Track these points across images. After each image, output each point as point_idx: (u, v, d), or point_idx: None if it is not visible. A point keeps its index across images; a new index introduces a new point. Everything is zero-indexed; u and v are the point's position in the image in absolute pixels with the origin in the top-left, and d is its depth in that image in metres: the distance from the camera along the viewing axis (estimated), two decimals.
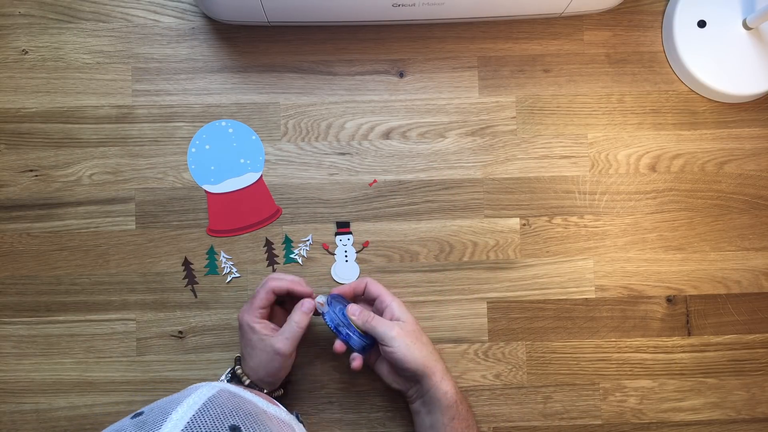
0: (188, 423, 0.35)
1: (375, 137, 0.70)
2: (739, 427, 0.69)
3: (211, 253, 0.68)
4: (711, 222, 0.70)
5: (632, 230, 0.70)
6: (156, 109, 0.69)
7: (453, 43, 0.70)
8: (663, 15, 0.71)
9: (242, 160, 0.69)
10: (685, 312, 0.69)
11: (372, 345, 0.62)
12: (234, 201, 0.69)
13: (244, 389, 0.44)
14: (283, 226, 0.69)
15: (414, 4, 0.62)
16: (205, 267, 0.68)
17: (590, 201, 0.70)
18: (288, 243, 0.69)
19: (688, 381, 0.69)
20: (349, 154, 0.69)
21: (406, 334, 0.59)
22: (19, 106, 0.69)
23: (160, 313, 0.68)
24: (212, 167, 0.69)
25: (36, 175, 0.68)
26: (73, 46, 0.69)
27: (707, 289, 0.70)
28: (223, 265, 0.68)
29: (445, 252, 0.69)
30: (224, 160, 0.69)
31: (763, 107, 0.71)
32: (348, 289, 0.65)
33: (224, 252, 0.69)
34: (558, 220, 0.70)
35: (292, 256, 0.69)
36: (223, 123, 0.69)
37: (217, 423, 0.36)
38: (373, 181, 0.69)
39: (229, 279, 0.69)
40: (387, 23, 0.69)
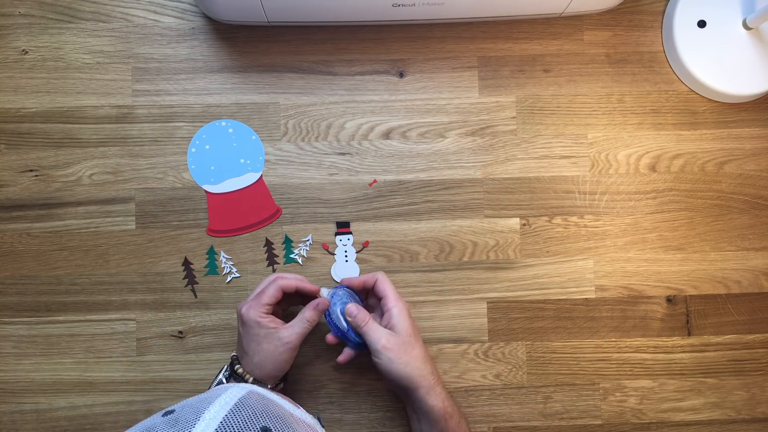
0: (221, 423, 0.35)
1: (375, 137, 0.70)
2: (739, 427, 0.69)
3: (211, 253, 0.68)
4: (711, 222, 0.70)
5: (632, 230, 0.70)
6: (156, 109, 0.69)
7: (453, 43, 0.70)
8: (663, 15, 0.71)
9: (242, 160, 0.69)
10: (685, 312, 0.69)
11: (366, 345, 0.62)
12: (234, 201, 0.69)
13: (270, 391, 0.44)
14: (283, 226, 0.69)
15: (414, 4, 0.62)
16: (205, 267, 0.68)
17: (590, 201, 0.70)
18: (288, 243, 0.69)
19: (688, 381, 0.69)
20: (349, 154, 0.69)
21: (393, 346, 0.58)
22: (19, 106, 0.69)
23: (160, 313, 0.68)
24: (212, 167, 0.69)
25: (36, 175, 0.68)
26: (73, 46, 0.69)
27: (707, 289, 0.70)
28: (223, 265, 0.68)
29: (445, 252, 0.69)
30: (224, 160, 0.69)
31: (763, 107, 0.71)
32: (358, 282, 0.64)
33: (224, 252, 0.68)
34: (558, 220, 0.70)
35: (292, 256, 0.69)
36: (223, 123, 0.69)
37: (249, 424, 0.36)
38: (373, 181, 0.69)
39: (229, 279, 0.69)
40: (387, 23, 0.69)
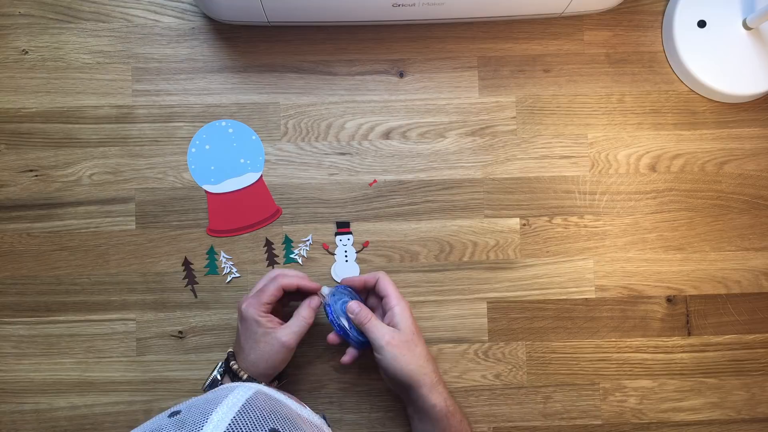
0: (229, 425, 0.35)
1: (375, 137, 0.70)
2: (739, 427, 0.69)
3: (211, 253, 0.68)
4: (711, 222, 0.70)
5: (632, 230, 0.70)
6: (156, 109, 0.69)
7: (453, 43, 0.70)
8: (663, 15, 0.71)
9: (242, 160, 0.69)
10: (685, 312, 0.69)
11: (369, 343, 0.62)
12: (234, 201, 0.69)
13: (277, 391, 0.44)
14: (283, 226, 0.69)
15: (414, 4, 0.62)
16: (205, 267, 0.68)
17: (590, 201, 0.70)
18: (288, 243, 0.69)
19: (688, 381, 0.69)
20: (349, 154, 0.69)
21: (396, 344, 0.58)
22: (19, 106, 0.69)
23: (160, 313, 0.68)
24: (212, 167, 0.69)
25: (36, 175, 0.68)
26: (73, 46, 0.69)
27: (707, 289, 0.70)
28: (223, 265, 0.68)
29: (445, 252, 0.69)
30: (224, 160, 0.69)
31: (763, 107, 0.71)
32: (359, 282, 0.64)
33: (224, 252, 0.68)
34: (558, 220, 0.70)
35: (292, 256, 0.69)
36: (223, 123, 0.69)
37: (258, 426, 0.35)
38: (373, 181, 0.69)
39: (229, 279, 0.69)
40: (387, 23, 0.69)
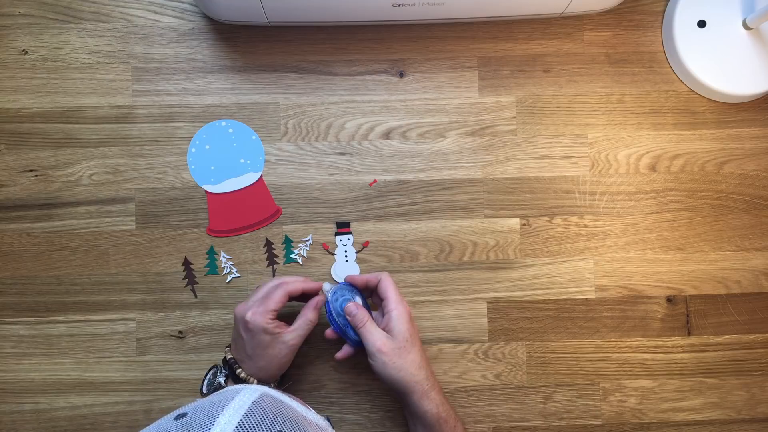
0: (236, 428, 0.35)
1: (375, 137, 0.70)
2: (739, 427, 0.69)
3: (211, 253, 0.68)
4: (711, 222, 0.70)
5: (632, 230, 0.70)
6: (156, 109, 0.69)
7: (453, 43, 0.70)
8: (663, 15, 0.71)
9: (242, 160, 0.69)
10: (685, 312, 0.69)
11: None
12: (234, 201, 0.69)
13: (282, 393, 0.44)
14: (283, 226, 0.69)
15: (414, 4, 0.62)
16: (205, 267, 0.68)
17: (590, 201, 0.70)
18: (288, 243, 0.69)
19: (688, 381, 0.69)
20: (349, 154, 0.69)
21: (387, 351, 0.58)
22: (19, 106, 0.69)
23: (160, 313, 0.68)
24: (212, 167, 0.69)
25: (36, 175, 0.68)
26: (73, 46, 0.69)
27: (707, 289, 0.70)
28: (223, 265, 0.68)
29: (445, 252, 0.69)
30: (224, 160, 0.69)
31: (763, 107, 0.71)
32: (361, 281, 0.64)
33: (224, 252, 0.68)
34: (558, 220, 0.70)
35: (292, 256, 0.69)
36: (223, 123, 0.69)
37: (265, 429, 0.35)
38: (373, 181, 0.69)
39: (229, 279, 0.68)
40: (387, 23, 0.69)
